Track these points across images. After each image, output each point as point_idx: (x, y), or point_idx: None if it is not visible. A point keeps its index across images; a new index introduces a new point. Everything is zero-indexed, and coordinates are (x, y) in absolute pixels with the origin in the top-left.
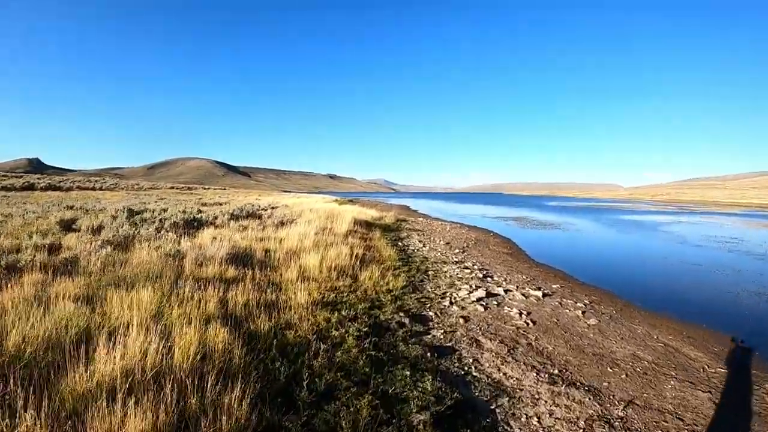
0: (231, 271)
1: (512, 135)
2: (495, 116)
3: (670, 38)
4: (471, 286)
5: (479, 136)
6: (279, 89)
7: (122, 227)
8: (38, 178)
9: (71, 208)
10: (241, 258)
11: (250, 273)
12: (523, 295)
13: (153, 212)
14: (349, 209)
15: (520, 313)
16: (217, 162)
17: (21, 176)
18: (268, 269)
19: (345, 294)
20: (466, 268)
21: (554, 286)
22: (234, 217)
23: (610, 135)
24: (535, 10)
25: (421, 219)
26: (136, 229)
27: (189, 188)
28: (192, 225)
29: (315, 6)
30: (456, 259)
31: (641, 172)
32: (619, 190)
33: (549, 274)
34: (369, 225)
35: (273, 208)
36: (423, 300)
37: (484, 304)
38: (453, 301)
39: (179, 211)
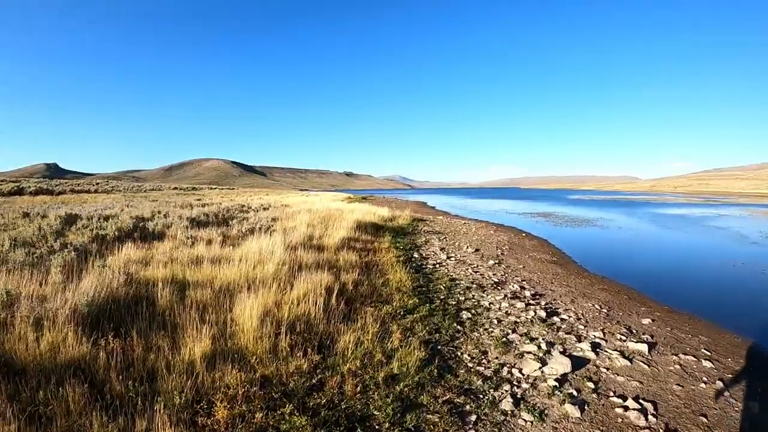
0: (77, 345)
1: (528, 129)
2: (511, 111)
3: (688, 27)
4: (539, 347)
5: (495, 130)
6: (296, 89)
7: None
8: (35, 182)
9: (26, 215)
10: (125, 306)
11: (113, 346)
12: (622, 354)
13: (91, 219)
14: (357, 209)
15: (643, 410)
16: (234, 162)
17: (18, 180)
18: (161, 333)
19: (293, 406)
20: (515, 296)
21: (644, 321)
22: (196, 223)
23: (626, 127)
24: (551, 3)
25: (440, 218)
26: (24, 249)
27: (193, 189)
28: (131, 236)
29: (325, 3)
30: (495, 279)
31: (659, 163)
32: (637, 182)
33: (620, 294)
34: (377, 228)
35: (264, 208)
36: (460, 403)
37: (574, 394)
38: (519, 394)
39: (129, 217)
